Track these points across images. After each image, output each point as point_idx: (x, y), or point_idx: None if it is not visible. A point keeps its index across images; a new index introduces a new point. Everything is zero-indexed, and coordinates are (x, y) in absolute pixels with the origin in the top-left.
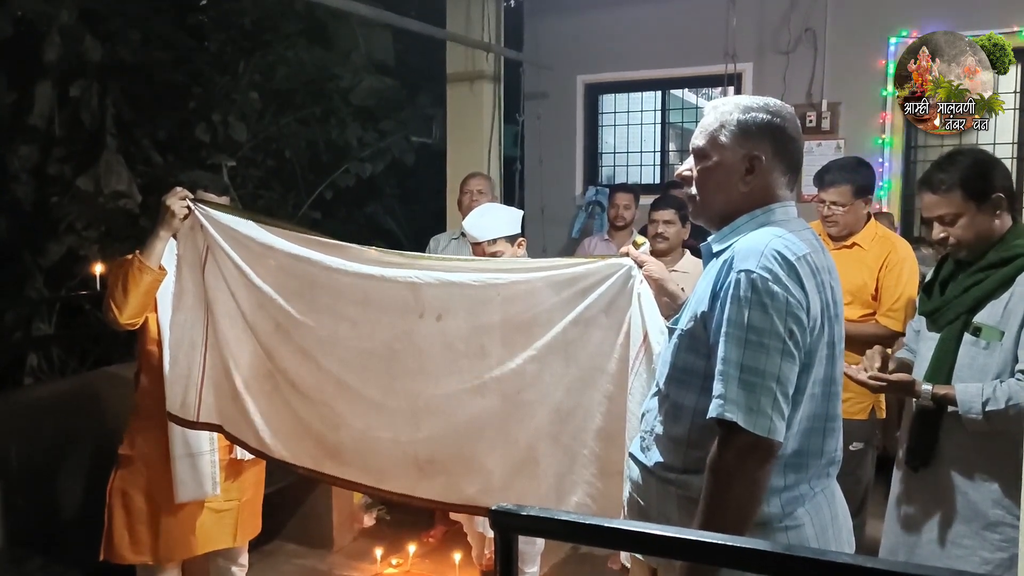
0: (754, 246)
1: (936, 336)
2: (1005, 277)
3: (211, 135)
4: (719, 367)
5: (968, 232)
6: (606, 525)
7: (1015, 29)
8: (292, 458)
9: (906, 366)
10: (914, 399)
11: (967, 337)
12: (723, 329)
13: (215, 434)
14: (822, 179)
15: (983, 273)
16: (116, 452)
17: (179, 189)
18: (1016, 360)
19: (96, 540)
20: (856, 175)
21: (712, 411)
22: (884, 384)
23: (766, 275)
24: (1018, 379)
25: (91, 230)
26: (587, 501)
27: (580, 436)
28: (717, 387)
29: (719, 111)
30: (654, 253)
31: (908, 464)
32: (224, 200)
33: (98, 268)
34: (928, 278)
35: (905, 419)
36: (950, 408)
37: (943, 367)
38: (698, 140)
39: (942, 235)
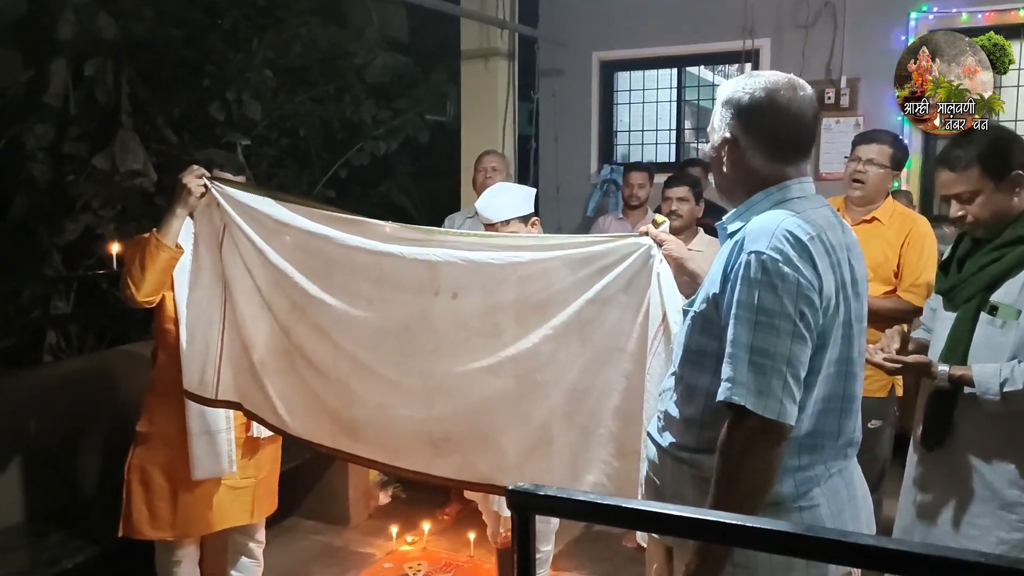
0: (765, 226)
1: (952, 315)
2: (1022, 255)
3: (226, 113)
4: (728, 349)
5: (985, 210)
6: (623, 505)
7: None
8: (308, 435)
9: (923, 347)
10: (930, 379)
11: (983, 316)
12: (733, 311)
13: (232, 412)
14: (864, 136)
15: (1000, 251)
16: (133, 429)
17: (195, 167)
18: None
19: (114, 516)
20: (897, 142)
21: (721, 394)
22: (900, 366)
23: (776, 256)
24: None
25: (107, 209)
26: (603, 480)
27: (596, 415)
28: (726, 370)
29: (719, 93)
30: (672, 231)
31: (923, 444)
32: (240, 179)
33: (115, 247)
34: (945, 256)
35: (920, 398)
36: (967, 389)
37: (959, 346)
38: (709, 125)
39: (960, 213)
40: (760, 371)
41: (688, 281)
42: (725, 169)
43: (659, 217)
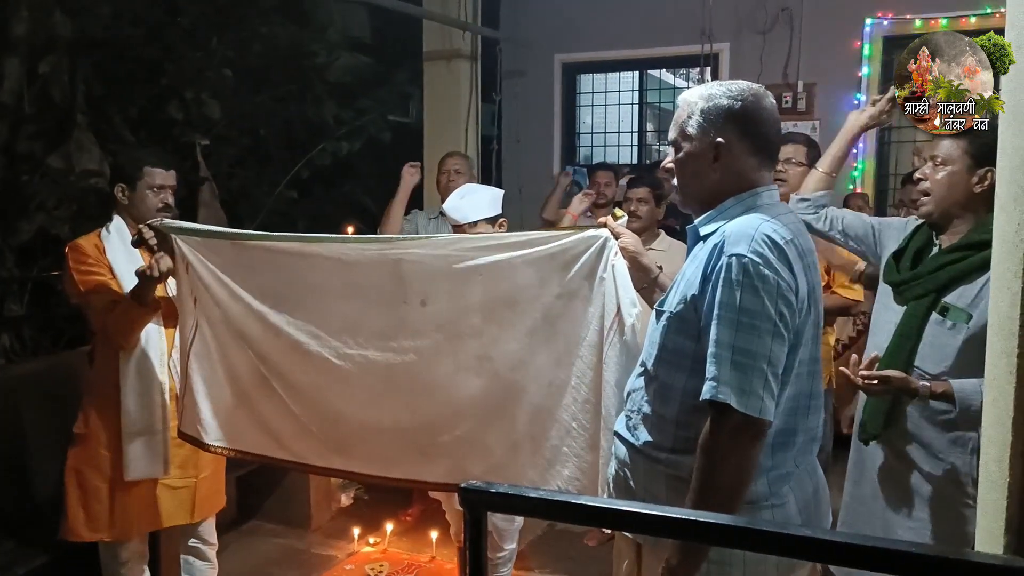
0: (744, 230)
1: (899, 309)
2: (985, 260)
3: (184, 113)
4: (711, 349)
5: (942, 184)
6: (574, 502)
7: (987, 11)
8: (299, 458)
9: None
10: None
11: (933, 316)
12: (715, 312)
13: (169, 413)
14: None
15: (961, 253)
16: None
17: (143, 227)
18: (981, 343)
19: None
20: (812, 143)
21: (705, 393)
22: (876, 383)
23: (757, 259)
24: None
25: (62, 209)
26: (577, 474)
27: (571, 409)
28: (710, 369)
29: (686, 101)
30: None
31: (859, 438)
32: (171, 173)
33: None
34: (900, 245)
35: (852, 392)
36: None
37: (906, 343)
38: (672, 133)
39: (921, 176)
40: (742, 370)
41: (640, 275)
42: (711, 175)
43: (619, 211)
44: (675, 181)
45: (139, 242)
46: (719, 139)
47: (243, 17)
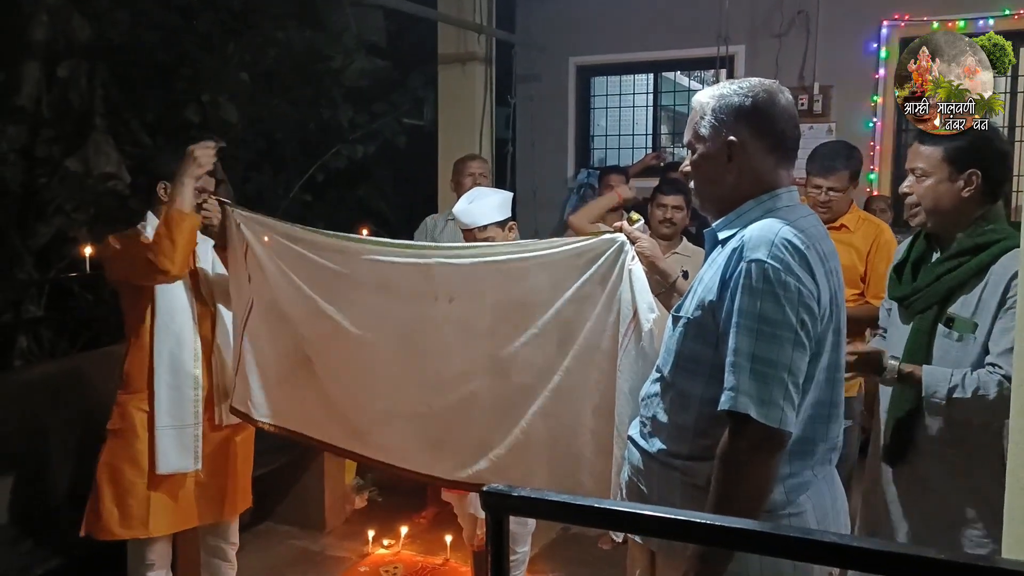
0: (764, 235)
1: (907, 325)
2: (980, 265)
3: (201, 116)
4: (730, 358)
5: (929, 195)
6: (595, 506)
7: (1005, 13)
8: (329, 439)
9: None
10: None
11: (940, 329)
12: (734, 319)
13: (200, 407)
14: (821, 165)
15: (955, 260)
16: (106, 429)
17: (209, 142)
18: (988, 352)
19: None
20: (851, 160)
21: (724, 403)
22: (855, 357)
23: (778, 265)
24: (989, 371)
25: (80, 212)
26: (584, 479)
27: (581, 415)
28: (729, 379)
29: (699, 102)
30: (660, 237)
31: (884, 459)
32: (211, 180)
33: (87, 250)
34: (899, 258)
35: (880, 407)
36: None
37: (917, 360)
38: (686, 135)
39: (906, 189)
40: (762, 380)
41: (659, 280)
42: (727, 177)
43: (634, 215)
44: (692, 184)
45: (198, 208)
46: (732, 138)
47: (259, 22)
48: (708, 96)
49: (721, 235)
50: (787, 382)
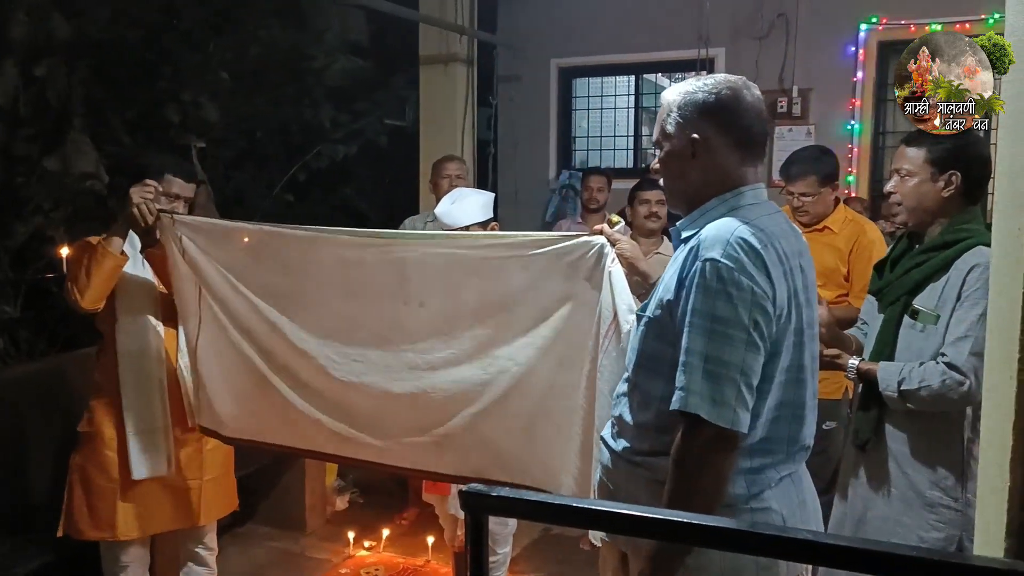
0: (720, 234)
1: (882, 317)
2: (945, 260)
3: (181, 115)
4: (683, 357)
5: (912, 194)
6: (574, 505)
7: (981, 17)
8: (314, 447)
9: (860, 347)
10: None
11: (906, 320)
12: (688, 318)
13: (167, 411)
14: (788, 172)
15: (925, 255)
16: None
17: (148, 182)
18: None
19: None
20: (820, 164)
21: (675, 403)
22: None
23: (731, 264)
24: (936, 362)
25: (58, 211)
26: (570, 481)
27: (568, 415)
28: (680, 378)
29: (666, 100)
30: (647, 233)
31: (853, 443)
32: (191, 186)
33: (64, 250)
34: (883, 256)
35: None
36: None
37: (884, 349)
38: (655, 132)
39: (890, 188)
40: (715, 380)
41: (639, 281)
42: (692, 173)
43: (614, 217)
44: (661, 181)
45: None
46: (695, 135)
47: (241, 20)
48: (675, 94)
49: (684, 233)
50: (740, 382)
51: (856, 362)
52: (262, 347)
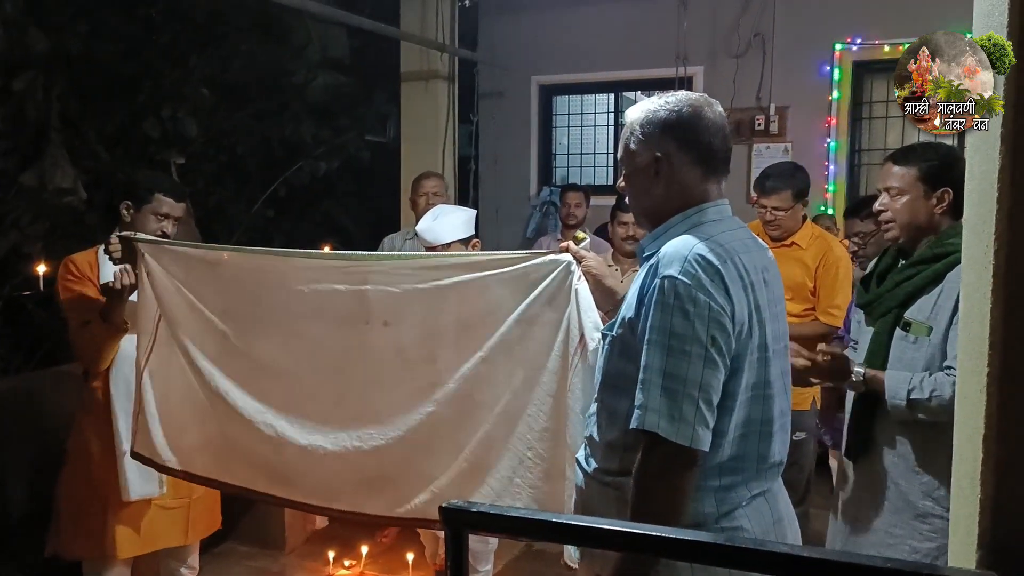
0: (678, 251)
1: (871, 330)
2: (936, 273)
3: (160, 130)
4: (642, 375)
5: (904, 212)
6: (555, 520)
7: None
8: (245, 483)
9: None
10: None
11: (898, 331)
12: (646, 336)
13: None
14: (763, 186)
15: (916, 268)
16: (64, 448)
17: (112, 239)
18: (944, 356)
19: (43, 540)
20: (794, 180)
21: (634, 421)
22: (819, 368)
23: (688, 281)
24: (947, 373)
25: (35, 227)
26: (532, 505)
27: (525, 438)
28: (639, 396)
29: (629, 118)
30: (627, 253)
31: (846, 454)
32: (181, 206)
33: (41, 268)
34: (868, 270)
35: (845, 409)
36: (888, 404)
37: (876, 360)
38: (619, 151)
39: (881, 207)
40: (672, 397)
41: (606, 297)
42: (655, 190)
43: (580, 234)
44: (627, 200)
45: (107, 252)
46: (657, 152)
47: (222, 35)
48: (637, 112)
49: (647, 251)
50: (698, 399)
51: (863, 370)
52: (211, 372)
